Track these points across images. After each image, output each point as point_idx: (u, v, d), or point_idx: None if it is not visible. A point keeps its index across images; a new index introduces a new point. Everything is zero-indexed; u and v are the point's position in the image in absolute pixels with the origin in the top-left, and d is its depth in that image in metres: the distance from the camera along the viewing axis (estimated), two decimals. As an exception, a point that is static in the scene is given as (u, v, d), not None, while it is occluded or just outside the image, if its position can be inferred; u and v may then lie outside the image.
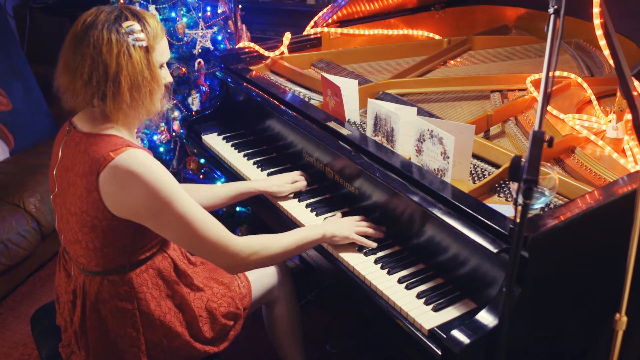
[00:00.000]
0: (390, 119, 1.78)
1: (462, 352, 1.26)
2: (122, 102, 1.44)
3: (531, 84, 2.12)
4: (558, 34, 1.20)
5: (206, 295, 1.68)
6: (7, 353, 2.50)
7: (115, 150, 1.41)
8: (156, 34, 1.49)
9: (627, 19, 2.20)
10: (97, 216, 1.44)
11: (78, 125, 1.51)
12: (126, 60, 1.42)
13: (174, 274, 1.61)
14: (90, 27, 1.41)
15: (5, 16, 3.35)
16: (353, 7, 2.68)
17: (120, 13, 1.44)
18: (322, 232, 1.66)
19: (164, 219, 1.43)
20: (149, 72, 1.47)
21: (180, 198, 1.43)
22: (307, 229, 1.68)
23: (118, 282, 1.53)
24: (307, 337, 2.05)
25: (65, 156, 1.51)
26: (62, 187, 1.52)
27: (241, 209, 2.87)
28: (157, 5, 2.53)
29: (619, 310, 1.38)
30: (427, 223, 1.56)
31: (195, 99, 2.67)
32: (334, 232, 1.66)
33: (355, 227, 1.69)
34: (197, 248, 1.49)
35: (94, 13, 1.44)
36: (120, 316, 1.54)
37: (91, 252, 1.50)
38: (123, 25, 1.42)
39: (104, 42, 1.40)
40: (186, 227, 1.45)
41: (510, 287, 1.14)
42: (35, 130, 3.30)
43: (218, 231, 1.49)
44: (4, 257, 2.64)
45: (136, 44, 1.43)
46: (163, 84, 1.54)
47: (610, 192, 1.48)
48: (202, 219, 1.46)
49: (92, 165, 1.41)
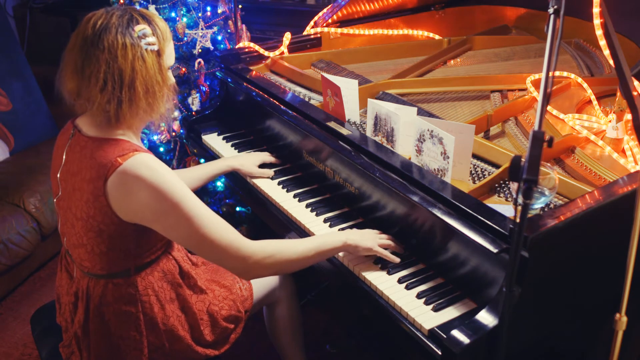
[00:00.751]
0: (390, 119, 1.78)
1: (462, 352, 1.26)
2: (138, 107, 1.42)
3: (531, 84, 2.12)
4: (558, 34, 1.20)
5: (208, 298, 1.67)
6: (7, 353, 2.50)
7: (123, 156, 1.39)
8: (165, 36, 1.47)
9: (627, 19, 2.20)
10: (104, 221, 1.43)
11: (83, 129, 1.49)
12: (141, 65, 1.40)
13: (178, 277, 1.61)
14: (103, 30, 1.38)
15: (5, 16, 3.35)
16: (353, 7, 2.68)
17: (132, 17, 1.42)
18: (344, 239, 1.59)
19: (172, 221, 1.41)
20: (161, 76, 1.45)
21: (189, 200, 1.42)
22: (327, 235, 1.62)
23: (123, 285, 1.52)
24: (307, 337, 2.05)
25: (69, 160, 1.50)
26: (67, 191, 1.50)
27: (241, 209, 2.87)
28: (157, 5, 2.53)
29: (619, 310, 1.38)
30: (427, 223, 1.56)
31: (195, 99, 2.67)
32: (358, 242, 1.60)
33: (378, 239, 1.62)
34: (207, 251, 1.46)
35: (104, 16, 1.41)
36: (123, 319, 1.53)
37: (96, 256, 1.49)
38: (135, 29, 1.40)
39: (119, 47, 1.38)
40: (195, 230, 1.42)
41: (510, 287, 1.14)
42: (35, 130, 3.30)
43: (229, 234, 1.46)
44: (4, 257, 2.64)
45: (149, 48, 1.42)
46: (170, 85, 1.53)
47: (610, 192, 1.48)
48: (211, 221, 1.44)
49: (100, 171, 1.40)
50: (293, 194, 1.95)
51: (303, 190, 1.96)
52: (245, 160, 2.05)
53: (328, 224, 1.78)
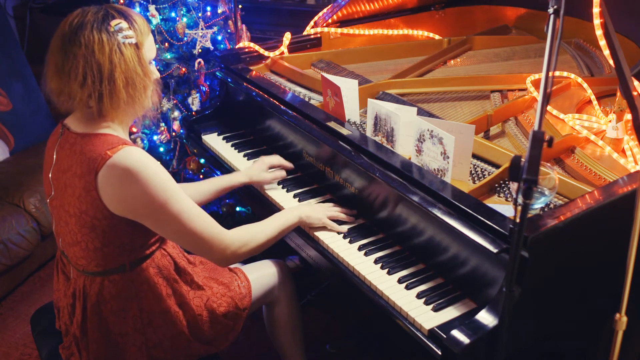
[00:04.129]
0: (390, 119, 1.78)
1: (462, 352, 1.26)
2: (119, 99, 1.45)
3: (531, 84, 2.12)
4: (558, 34, 1.20)
5: (206, 294, 1.68)
6: (7, 353, 2.50)
7: (112, 149, 1.42)
8: (143, 30, 1.50)
9: (627, 19, 2.20)
10: (96, 216, 1.44)
11: (71, 127, 1.51)
12: (118, 57, 1.43)
13: (174, 272, 1.62)
14: (79, 28, 1.42)
15: (5, 16, 3.35)
16: (353, 7, 2.68)
17: (107, 12, 1.45)
18: (298, 214, 1.74)
19: (161, 216, 1.45)
20: (141, 68, 1.48)
21: (177, 195, 1.45)
22: (285, 213, 1.74)
23: (119, 281, 1.53)
24: (307, 337, 2.05)
25: (60, 158, 1.52)
26: (59, 190, 1.52)
27: (241, 209, 2.87)
28: (157, 5, 2.53)
29: (619, 310, 1.38)
30: (427, 223, 1.56)
31: (195, 99, 2.67)
32: (309, 214, 1.75)
33: (328, 211, 1.77)
34: (192, 244, 1.52)
35: (80, 14, 1.45)
36: (121, 316, 1.54)
37: (91, 252, 1.50)
38: (111, 23, 1.43)
39: (95, 42, 1.41)
40: (183, 224, 1.46)
41: (510, 287, 1.14)
42: (35, 130, 3.30)
43: (212, 227, 1.52)
44: (4, 257, 2.64)
45: (126, 42, 1.44)
46: (154, 79, 1.55)
47: (610, 192, 1.48)
48: (198, 216, 1.49)
49: (90, 165, 1.42)
50: (293, 194, 1.95)
51: (303, 190, 1.96)
52: (252, 171, 1.98)
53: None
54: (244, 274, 1.81)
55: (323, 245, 1.71)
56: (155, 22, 2.53)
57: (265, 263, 1.90)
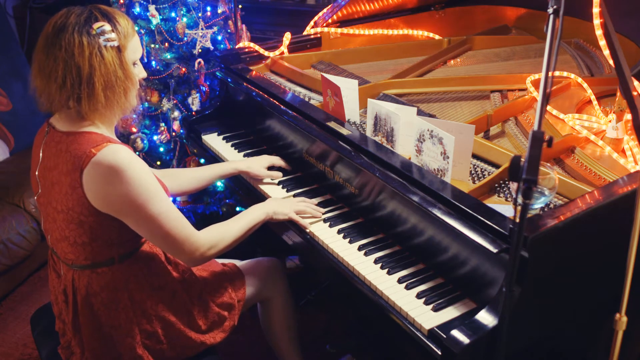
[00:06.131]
0: (390, 119, 1.78)
1: (461, 351, 1.26)
2: (97, 102, 1.45)
3: (531, 84, 2.12)
4: (558, 34, 1.20)
5: (199, 284, 1.70)
6: (7, 353, 2.50)
7: (97, 147, 1.43)
8: (127, 32, 1.50)
9: (627, 19, 2.20)
10: (82, 212, 1.46)
11: (57, 126, 1.53)
12: (98, 61, 1.43)
13: (165, 262, 1.64)
14: (60, 30, 1.42)
15: (5, 16, 3.35)
16: (353, 7, 2.68)
17: (90, 14, 1.45)
18: (265, 211, 1.74)
19: (141, 215, 1.46)
20: (122, 71, 1.48)
21: (158, 196, 1.47)
22: (252, 211, 1.74)
23: (107, 273, 1.54)
24: (307, 337, 2.05)
25: (46, 156, 1.53)
26: (46, 187, 1.53)
27: (241, 209, 2.87)
28: (157, 5, 2.53)
29: (619, 310, 1.38)
30: (427, 223, 1.56)
31: (195, 99, 2.67)
32: (275, 210, 1.75)
33: (295, 206, 1.78)
34: (165, 244, 1.53)
35: (64, 15, 1.45)
36: (112, 307, 1.55)
37: (79, 247, 1.51)
38: (94, 26, 1.43)
39: (75, 45, 1.41)
40: (161, 226, 1.48)
41: (510, 287, 1.14)
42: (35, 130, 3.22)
43: (186, 229, 1.53)
44: (4, 257, 2.64)
45: (108, 45, 1.44)
46: (137, 81, 1.55)
47: (610, 192, 1.48)
48: (175, 219, 1.50)
49: (75, 162, 1.43)
50: (293, 194, 1.95)
51: (303, 191, 1.96)
52: (252, 163, 2.03)
53: (328, 224, 1.78)
54: (238, 267, 1.84)
55: (323, 246, 1.71)
56: (155, 22, 2.53)
57: (260, 260, 1.93)
